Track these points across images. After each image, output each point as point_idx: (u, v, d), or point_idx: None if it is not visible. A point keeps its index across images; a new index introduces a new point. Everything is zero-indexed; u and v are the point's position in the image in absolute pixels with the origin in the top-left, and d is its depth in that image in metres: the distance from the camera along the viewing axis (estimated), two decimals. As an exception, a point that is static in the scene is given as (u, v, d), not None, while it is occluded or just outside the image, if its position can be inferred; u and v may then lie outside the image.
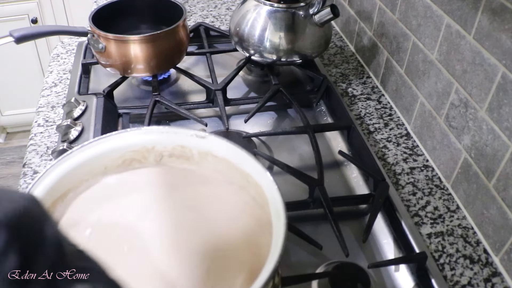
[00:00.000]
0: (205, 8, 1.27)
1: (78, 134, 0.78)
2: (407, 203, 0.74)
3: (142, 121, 0.84)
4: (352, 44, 1.13)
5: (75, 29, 0.85)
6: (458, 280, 0.63)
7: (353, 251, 0.64)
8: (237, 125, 0.88)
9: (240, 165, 0.51)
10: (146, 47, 0.85)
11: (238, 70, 0.95)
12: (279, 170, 0.75)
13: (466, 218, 0.72)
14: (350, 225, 0.70)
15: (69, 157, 0.50)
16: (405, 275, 0.64)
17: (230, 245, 0.48)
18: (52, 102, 0.91)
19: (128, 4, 0.95)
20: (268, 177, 0.47)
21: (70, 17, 2.00)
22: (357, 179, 0.78)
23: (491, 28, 0.63)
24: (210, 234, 0.49)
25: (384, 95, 0.97)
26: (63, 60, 1.04)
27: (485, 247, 0.67)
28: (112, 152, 0.53)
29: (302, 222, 0.68)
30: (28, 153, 0.80)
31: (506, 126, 0.62)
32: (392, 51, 0.92)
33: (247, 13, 0.91)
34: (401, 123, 0.90)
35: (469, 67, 0.68)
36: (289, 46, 0.89)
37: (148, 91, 0.95)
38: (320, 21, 0.88)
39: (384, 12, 0.94)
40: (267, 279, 0.38)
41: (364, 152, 0.78)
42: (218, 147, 0.53)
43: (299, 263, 0.64)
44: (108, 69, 0.90)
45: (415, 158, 0.82)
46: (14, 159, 2.21)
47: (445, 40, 0.74)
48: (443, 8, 0.74)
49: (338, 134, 0.87)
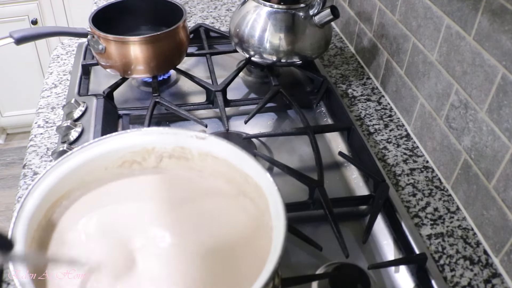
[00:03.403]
0: (205, 9, 1.27)
1: (78, 135, 0.78)
2: (407, 204, 0.74)
3: (142, 122, 0.84)
4: (352, 45, 1.13)
5: (75, 30, 0.85)
6: (458, 281, 0.63)
7: (353, 252, 0.64)
8: (237, 126, 0.88)
9: (240, 166, 0.51)
10: (146, 48, 0.85)
11: (238, 71, 0.95)
12: (279, 171, 0.75)
13: (466, 219, 0.72)
14: (350, 226, 0.70)
15: (69, 158, 0.50)
16: (405, 276, 0.64)
17: (229, 246, 0.48)
18: (52, 103, 0.91)
19: (128, 5, 0.95)
20: (268, 178, 0.47)
21: (70, 18, 2.00)
22: (357, 180, 0.78)
23: (491, 29, 0.63)
24: (209, 235, 0.49)
25: (384, 96, 0.97)
26: (63, 61, 1.04)
27: (485, 248, 0.67)
28: (112, 153, 0.53)
29: (302, 223, 0.68)
30: (28, 154, 0.80)
31: (506, 127, 0.62)
32: (392, 52, 0.92)
33: (247, 14, 0.91)
34: (401, 124, 0.90)
35: (469, 68, 0.68)
36: (289, 47, 0.89)
37: (148, 92, 0.95)
38: (320, 22, 0.88)
39: (384, 13, 0.94)
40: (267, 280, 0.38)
41: (364, 153, 0.78)
42: (218, 148, 0.53)
43: (299, 264, 0.64)
44: (108, 70, 0.90)
45: (415, 159, 0.82)
46: (14, 160, 2.21)
47: (445, 41, 0.74)
48: (443, 9, 0.74)
49: (338, 135, 0.87)
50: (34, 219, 0.45)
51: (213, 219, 0.51)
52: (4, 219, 1.92)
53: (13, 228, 0.42)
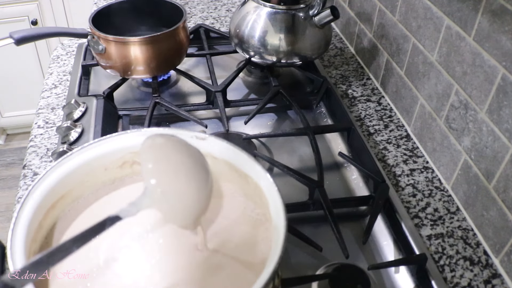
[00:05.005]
0: (205, 10, 1.27)
1: (78, 135, 0.78)
2: (407, 204, 0.74)
3: (142, 122, 0.84)
4: (352, 46, 1.13)
5: (75, 31, 0.85)
6: (458, 282, 0.63)
7: (353, 253, 0.64)
8: (237, 126, 0.88)
9: (240, 166, 0.51)
10: (146, 49, 0.85)
11: (238, 72, 0.95)
12: (279, 171, 0.75)
13: (466, 219, 0.72)
14: (350, 226, 0.70)
15: (69, 158, 0.50)
16: (405, 276, 0.64)
17: (229, 246, 0.48)
18: (52, 104, 0.91)
19: (128, 5, 0.95)
20: (268, 178, 0.47)
21: (70, 18, 2.00)
22: (357, 181, 0.78)
23: (491, 30, 0.63)
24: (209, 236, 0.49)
25: (384, 97, 0.97)
26: (63, 62, 1.04)
27: (485, 248, 0.67)
28: (112, 153, 0.53)
29: (302, 224, 0.68)
30: (28, 154, 0.80)
31: (506, 127, 0.62)
32: (392, 52, 0.92)
33: (247, 15, 0.91)
34: (401, 124, 0.90)
35: (469, 69, 0.69)
36: (289, 47, 0.89)
37: (148, 93, 0.95)
38: (320, 22, 0.88)
39: (384, 14, 0.94)
40: (267, 281, 0.38)
41: (364, 154, 0.78)
42: (218, 149, 0.53)
43: (299, 265, 0.64)
44: (108, 70, 0.90)
45: (415, 159, 0.82)
46: (14, 160, 2.21)
47: (445, 41, 0.74)
48: (443, 9, 0.74)
49: (338, 136, 0.87)
50: (35, 220, 0.45)
51: (212, 220, 0.51)
52: (4, 219, 1.92)
53: (13, 229, 0.42)
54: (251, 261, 0.47)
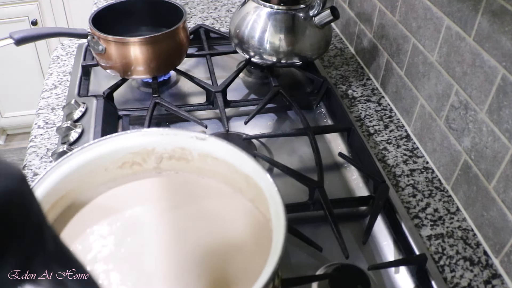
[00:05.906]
0: (205, 10, 1.27)
1: (78, 136, 0.78)
2: (407, 205, 0.74)
3: (142, 123, 0.84)
4: (352, 46, 1.13)
5: (75, 31, 0.85)
6: (458, 282, 0.63)
7: (353, 253, 0.64)
8: (237, 127, 0.88)
9: (240, 167, 0.51)
10: (146, 49, 0.85)
11: (238, 72, 0.95)
12: (279, 172, 0.75)
13: (466, 220, 0.72)
14: (350, 227, 0.70)
15: (69, 159, 0.50)
16: (405, 277, 0.64)
17: (229, 247, 0.48)
18: (52, 104, 0.91)
19: (128, 6, 0.95)
20: (268, 178, 0.47)
21: (70, 19, 2.00)
22: (357, 181, 0.78)
23: (491, 30, 0.63)
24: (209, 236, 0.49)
25: (384, 97, 0.97)
26: (63, 62, 1.04)
27: (485, 249, 0.67)
28: (112, 154, 0.53)
29: (302, 224, 0.68)
30: (28, 155, 0.80)
31: (506, 128, 0.62)
32: (392, 53, 0.92)
33: (247, 15, 0.91)
34: (401, 125, 0.90)
35: (469, 69, 0.69)
36: (289, 48, 0.89)
37: (148, 93, 0.95)
38: (320, 23, 0.88)
39: (384, 14, 0.94)
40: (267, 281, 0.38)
41: (364, 154, 0.78)
42: (218, 149, 0.53)
43: (299, 265, 0.64)
44: (108, 71, 0.90)
45: (415, 160, 0.82)
46: (14, 161, 2.20)
47: (445, 42, 0.74)
48: (443, 10, 0.74)
49: (338, 136, 0.87)
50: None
51: (212, 220, 0.51)
52: (4, 220, 1.92)
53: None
54: (251, 261, 0.46)
